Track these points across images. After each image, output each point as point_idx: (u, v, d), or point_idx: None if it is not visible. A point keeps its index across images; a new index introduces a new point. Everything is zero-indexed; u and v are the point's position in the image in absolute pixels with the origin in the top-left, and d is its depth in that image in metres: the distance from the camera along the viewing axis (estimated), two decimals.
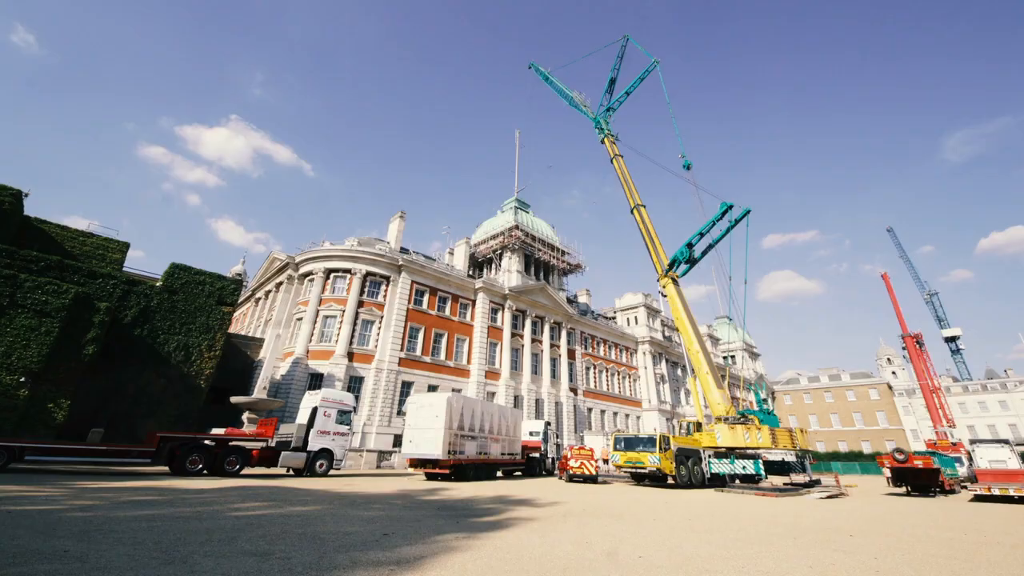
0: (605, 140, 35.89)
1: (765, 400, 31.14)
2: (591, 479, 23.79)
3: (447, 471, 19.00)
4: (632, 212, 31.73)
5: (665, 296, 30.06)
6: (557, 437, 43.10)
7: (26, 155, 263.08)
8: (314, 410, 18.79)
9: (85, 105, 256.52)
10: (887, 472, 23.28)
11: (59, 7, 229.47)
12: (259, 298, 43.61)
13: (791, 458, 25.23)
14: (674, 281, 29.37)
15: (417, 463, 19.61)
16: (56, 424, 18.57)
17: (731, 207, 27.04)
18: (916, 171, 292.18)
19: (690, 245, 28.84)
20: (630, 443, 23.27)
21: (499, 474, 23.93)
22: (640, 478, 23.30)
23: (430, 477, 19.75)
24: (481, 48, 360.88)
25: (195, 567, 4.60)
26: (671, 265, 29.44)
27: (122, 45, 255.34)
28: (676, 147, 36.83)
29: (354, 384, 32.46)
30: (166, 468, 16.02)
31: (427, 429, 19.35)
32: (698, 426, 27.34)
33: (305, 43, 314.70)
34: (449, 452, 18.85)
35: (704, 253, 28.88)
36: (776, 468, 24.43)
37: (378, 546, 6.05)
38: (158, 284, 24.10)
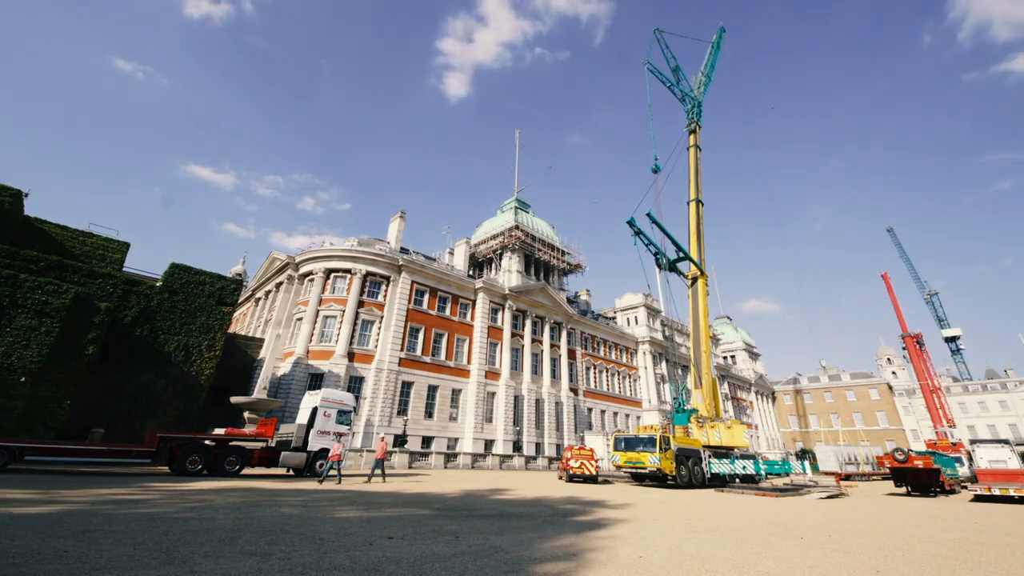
0: (696, 128, 37.35)
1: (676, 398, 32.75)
2: (591, 479, 23.79)
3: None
4: (688, 204, 34.48)
5: (691, 287, 31.86)
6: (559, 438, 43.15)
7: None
8: (314, 410, 18.80)
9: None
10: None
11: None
12: (259, 298, 43.61)
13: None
14: (705, 283, 31.47)
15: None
16: (56, 424, 18.59)
17: (631, 220, 30.09)
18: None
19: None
20: (630, 443, 23.26)
21: None
22: (640, 478, 23.31)
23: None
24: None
25: (195, 567, 4.60)
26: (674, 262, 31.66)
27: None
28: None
29: (354, 384, 32.45)
30: (166, 468, 16.06)
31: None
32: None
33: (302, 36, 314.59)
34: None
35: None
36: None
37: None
38: (158, 284, 24.11)
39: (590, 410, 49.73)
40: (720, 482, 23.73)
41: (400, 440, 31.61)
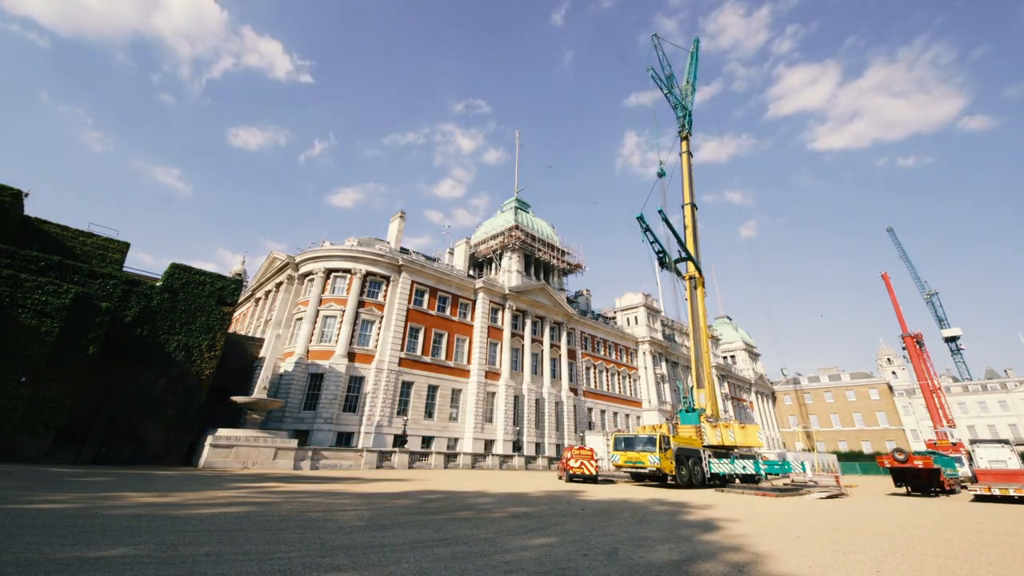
0: (688, 136, 38.71)
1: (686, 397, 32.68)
2: (591, 479, 23.81)
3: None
4: (683, 207, 36.11)
5: (689, 287, 32.36)
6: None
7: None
8: None
9: None
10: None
11: None
12: (259, 298, 43.60)
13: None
14: (702, 284, 32.34)
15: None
16: (57, 424, 18.58)
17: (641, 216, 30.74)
18: None
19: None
20: (630, 443, 23.26)
21: None
22: (640, 477, 23.31)
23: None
24: (480, 46, 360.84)
25: (195, 567, 4.60)
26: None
27: None
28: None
29: (354, 384, 32.44)
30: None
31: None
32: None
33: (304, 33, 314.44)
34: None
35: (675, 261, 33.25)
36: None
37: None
38: (158, 284, 24.09)
39: (590, 410, 49.71)
40: (720, 482, 23.72)
41: (400, 440, 31.60)
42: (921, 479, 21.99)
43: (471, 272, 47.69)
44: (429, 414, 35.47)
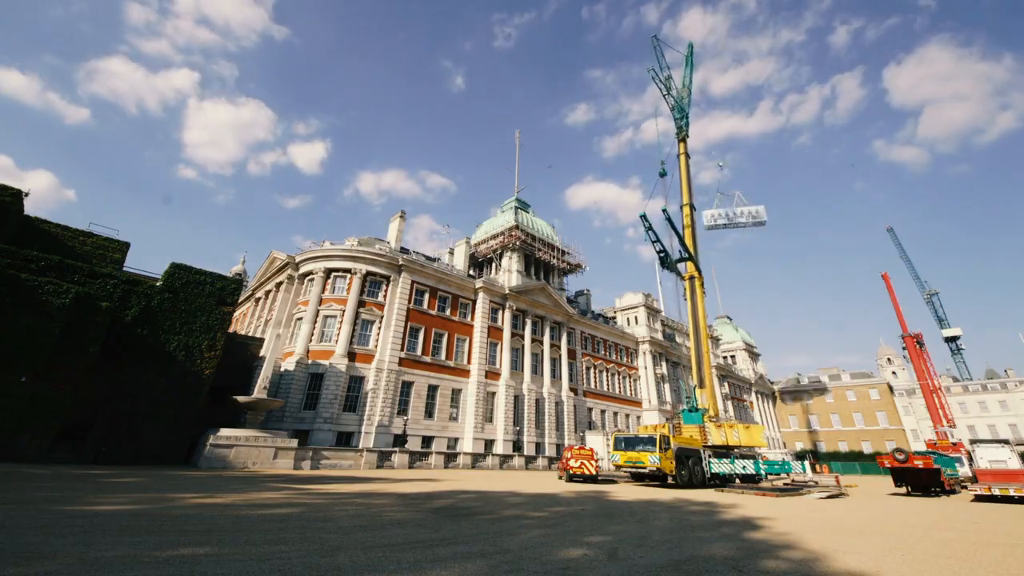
0: (685, 139, 39.75)
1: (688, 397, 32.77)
2: (591, 479, 23.81)
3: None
4: (682, 208, 37.06)
5: (689, 287, 32.76)
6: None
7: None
8: None
9: None
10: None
11: None
12: (259, 298, 43.60)
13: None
14: (702, 283, 32.03)
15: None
16: (57, 424, 18.59)
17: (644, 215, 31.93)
18: None
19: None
20: (630, 442, 23.26)
21: None
22: (640, 477, 23.31)
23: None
24: (481, 46, 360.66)
25: (195, 566, 4.60)
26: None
27: None
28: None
29: (354, 384, 32.44)
30: None
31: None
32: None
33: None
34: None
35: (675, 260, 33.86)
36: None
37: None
38: (158, 284, 24.10)
39: (590, 410, 49.71)
40: (720, 481, 23.72)
41: (400, 440, 31.61)
42: (921, 479, 21.97)
43: (471, 272, 47.69)
44: (429, 414, 35.47)
